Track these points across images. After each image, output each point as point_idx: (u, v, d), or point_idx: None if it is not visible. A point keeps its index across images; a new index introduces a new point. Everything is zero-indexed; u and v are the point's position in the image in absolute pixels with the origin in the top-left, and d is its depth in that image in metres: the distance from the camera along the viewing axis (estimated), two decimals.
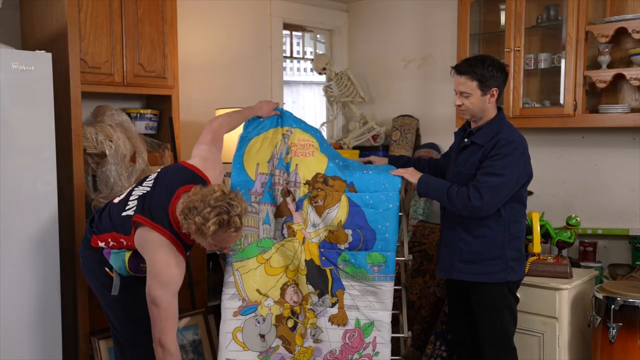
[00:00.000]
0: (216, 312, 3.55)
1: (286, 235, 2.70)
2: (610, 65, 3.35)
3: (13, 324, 2.62)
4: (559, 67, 3.44)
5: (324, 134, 4.67)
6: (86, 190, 3.02)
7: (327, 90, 4.67)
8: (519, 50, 3.51)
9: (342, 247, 2.66)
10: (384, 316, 2.65)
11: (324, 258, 2.67)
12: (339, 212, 2.66)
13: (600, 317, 2.82)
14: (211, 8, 4.00)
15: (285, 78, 4.60)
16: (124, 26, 3.14)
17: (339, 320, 2.63)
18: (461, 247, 2.66)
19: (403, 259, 3.05)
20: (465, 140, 2.70)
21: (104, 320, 3.02)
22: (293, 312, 2.66)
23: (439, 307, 3.47)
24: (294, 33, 4.76)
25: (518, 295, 2.74)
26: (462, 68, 2.59)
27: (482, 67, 2.56)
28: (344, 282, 2.65)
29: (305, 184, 2.72)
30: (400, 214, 2.75)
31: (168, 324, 2.22)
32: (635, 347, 2.73)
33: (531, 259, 3.11)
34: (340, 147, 4.44)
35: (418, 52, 4.42)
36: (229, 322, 2.64)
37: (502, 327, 2.68)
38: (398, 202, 2.64)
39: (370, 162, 3.02)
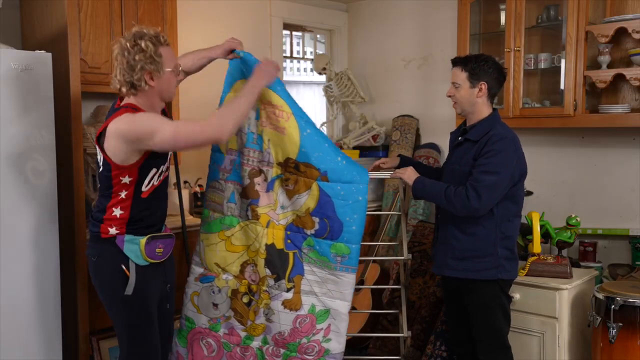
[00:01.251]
0: None
1: (250, 217, 2.70)
2: (610, 65, 3.34)
3: (13, 324, 2.62)
4: (559, 67, 3.44)
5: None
6: (86, 190, 3.02)
7: (327, 90, 4.67)
8: (519, 50, 3.51)
9: (308, 232, 2.63)
10: (342, 306, 2.62)
11: (289, 241, 2.65)
12: (308, 199, 2.61)
13: (600, 317, 2.82)
14: (211, 8, 4.00)
15: (285, 78, 4.60)
16: (124, 26, 3.15)
17: (292, 305, 2.63)
18: (453, 245, 2.69)
19: (402, 258, 3.05)
20: (460, 138, 2.73)
21: (104, 320, 3.02)
22: (250, 290, 2.71)
23: (439, 307, 3.47)
24: (294, 33, 4.76)
25: (512, 295, 2.75)
26: (457, 60, 2.70)
27: (474, 61, 2.64)
28: (305, 267, 2.63)
29: (277, 164, 2.67)
30: (399, 213, 2.76)
31: (192, 125, 2.22)
32: (635, 347, 2.73)
33: (531, 259, 3.11)
34: (341, 147, 4.44)
35: (418, 52, 4.42)
36: (191, 285, 2.81)
37: (495, 326, 2.70)
38: (366, 195, 2.61)
39: (379, 167, 2.98)
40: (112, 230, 2.30)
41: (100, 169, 2.30)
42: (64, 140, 2.87)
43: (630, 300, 2.74)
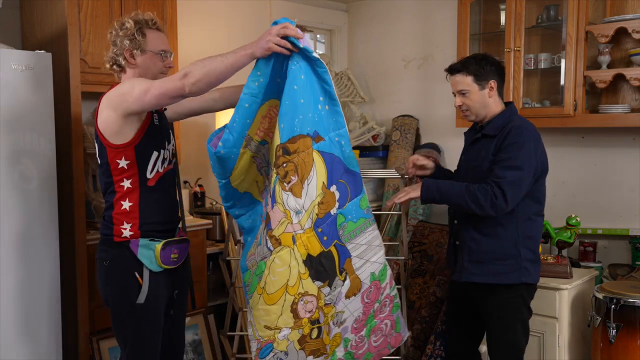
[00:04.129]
0: (216, 312, 3.56)
1: (272, 249, 2.19)
2: (610, 65, 3.34)
3: (13, 323, 2.62)
4: (559, 67, 3.44)
5: None
6: (86, 190, 3.02)
7: None
8: (519, 50, 3.51)
9: (334, 210, 2.23)
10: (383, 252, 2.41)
11: (325, 238, 2.21)
12: (318, 175, 2.19)
13: (600, 317, 2.82)
14: (211, 8, 4.00)
15: None
16: None
17: (354, 289, 2.30)
18: (471, 247, 2.50)
19: (402, 258, 3.05)
20: (477, 134, 2.56)
21: (104, 320, 3.02)
22: (313, 322, 2.25)
23: (439, 307, 3.47)
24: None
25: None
26: (455, 67, 2.55)
27: (474, 63, 2.51)
28: (349, 247, 2.27)
29: (273, 166, 2.24)
30: (399, 213, 2.72)
31: (163, 78, 2.16)
32: (635, 347, 2.73)
33: None
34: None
35: (418, 52, 4.42)
36: None
37: (513, 340, 2.52)
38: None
39: (424, 167, 2.72)
40: (126, 233, 2.22)
41: (99, 162, 2.26)
42: (64, 141, 2.87)
43: (630, 300, 2.74)
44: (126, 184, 2.22)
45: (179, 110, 2.49)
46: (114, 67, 2.29)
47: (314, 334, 2.26)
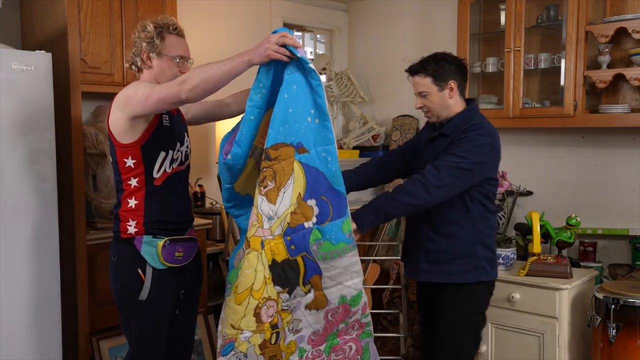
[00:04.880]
0: (216, 312, 3.56)
1: (244, 250, 2.22)
2: (610, 65, 3.35)
3: (13, 324, 2.62)
4: (559, 67, 3.44)
5: None
6: (86, 190, 3.02)
7: (327, 90, 4.67)
8: (519, 50, 3.51)
9: (309, 224, 2.15)
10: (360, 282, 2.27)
11: (292, 247, 2.17)
12: (294, 186, 2.14)
13: (600, 317, 2.82)
14: (211, 8, 4.00)
15: None
16: (124, 26, 3.15)
17: (317, 304, 2.24)
18: (428, 247, 2.46)
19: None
20: (435, 133, 2.52)
21: (104, 320, 3.03)
22: (273, 326, 2.25)
23: None
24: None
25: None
26: (414, 67, 2.49)
27: (433, 63, 2.45)
28: (322, 265, 2.18)
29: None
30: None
31: (164, 84, 2.16)
32: (635, 347, 2.73)
33: (531, 259, 3.11)
34: (341, 147, 4.44)
35: (418, 52, 4.38)
36: None
37: (459, 343, 2.46)
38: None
39: None
40: (131, 229, 2.26)
41: (111, 160, 2.32)
42: (64, 141, 2.87)
43: (630, 300, 2.74)
44: (133, 182, 2.26)
45: (196, 115, 2.53)
46: (132, 67, 2.34)
47: (274, 339, 2.26)
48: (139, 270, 2.25)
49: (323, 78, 4.73)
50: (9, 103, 2.57)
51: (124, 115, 2.19)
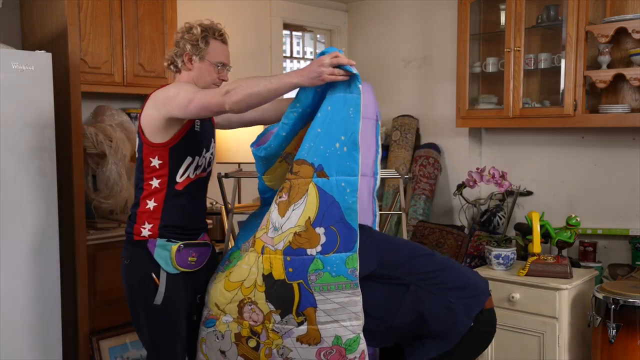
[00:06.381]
0: None
1: (249, 246, 2.24)
2: (610, 65, 3.34)
3: (13, 324, 2.62)
4: (559, 67, 3.44)
5: None
6: (86, 190, 3.02)
7: None
8: (519, 50, 3.51)
9: (313, 252, 2.07)
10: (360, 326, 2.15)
11: (290, 270, 2.09)
12: (306, 208, 2.08)
13: (600, 317, 2.82)
14: (211, 8, 4.00)
15: None
16: (124, 26, 3.15)
17: (310, 339, 2.14)
18: None
19: None
20: None
21: (104, 320, 3.03)
22: (253, 332, 2.20)
23: None
24: (294, 33, 4.76)
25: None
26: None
27: None
28: (317, 297, 2.08)
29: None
30: (399, 213, 2.70)
31: (208, 90, 2.16)
32: (635, 347, 2.73)
33: (531, 259, 3.11)
34: None
35: (418, 52, 4.42)
36: (200, 330, 2.35)
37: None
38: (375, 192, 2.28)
39: None
40: (145, 232, 2.22)
41: (137, 156, 2.28)
42: (64, 140, 2.87)
43: (630, 300, 2.74)
44: (154, 183, 2.23)
45: (232, 119, 2.51)
46: (171, 66, 2.32)
47: (252, 343, 2.21)
48: (153, 275, 2.21)
49: None
50: (9, 103, 2.57)
51: (159, 114, 2.16)
